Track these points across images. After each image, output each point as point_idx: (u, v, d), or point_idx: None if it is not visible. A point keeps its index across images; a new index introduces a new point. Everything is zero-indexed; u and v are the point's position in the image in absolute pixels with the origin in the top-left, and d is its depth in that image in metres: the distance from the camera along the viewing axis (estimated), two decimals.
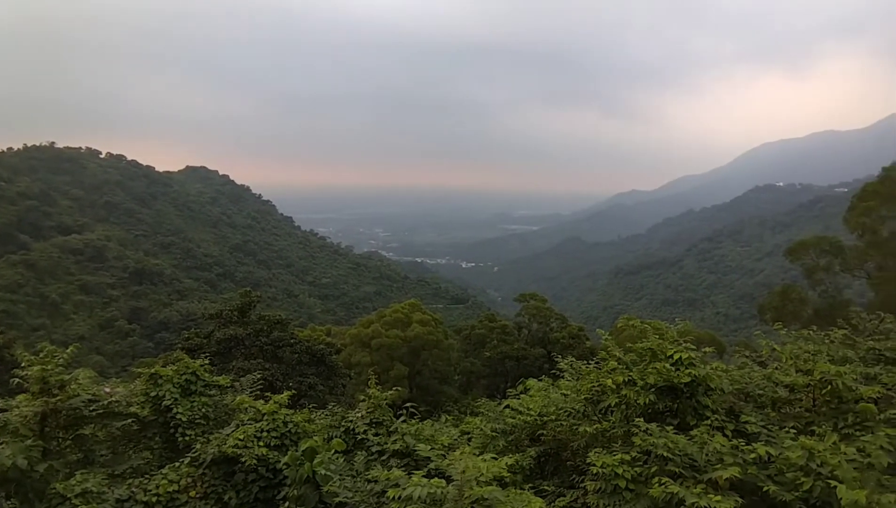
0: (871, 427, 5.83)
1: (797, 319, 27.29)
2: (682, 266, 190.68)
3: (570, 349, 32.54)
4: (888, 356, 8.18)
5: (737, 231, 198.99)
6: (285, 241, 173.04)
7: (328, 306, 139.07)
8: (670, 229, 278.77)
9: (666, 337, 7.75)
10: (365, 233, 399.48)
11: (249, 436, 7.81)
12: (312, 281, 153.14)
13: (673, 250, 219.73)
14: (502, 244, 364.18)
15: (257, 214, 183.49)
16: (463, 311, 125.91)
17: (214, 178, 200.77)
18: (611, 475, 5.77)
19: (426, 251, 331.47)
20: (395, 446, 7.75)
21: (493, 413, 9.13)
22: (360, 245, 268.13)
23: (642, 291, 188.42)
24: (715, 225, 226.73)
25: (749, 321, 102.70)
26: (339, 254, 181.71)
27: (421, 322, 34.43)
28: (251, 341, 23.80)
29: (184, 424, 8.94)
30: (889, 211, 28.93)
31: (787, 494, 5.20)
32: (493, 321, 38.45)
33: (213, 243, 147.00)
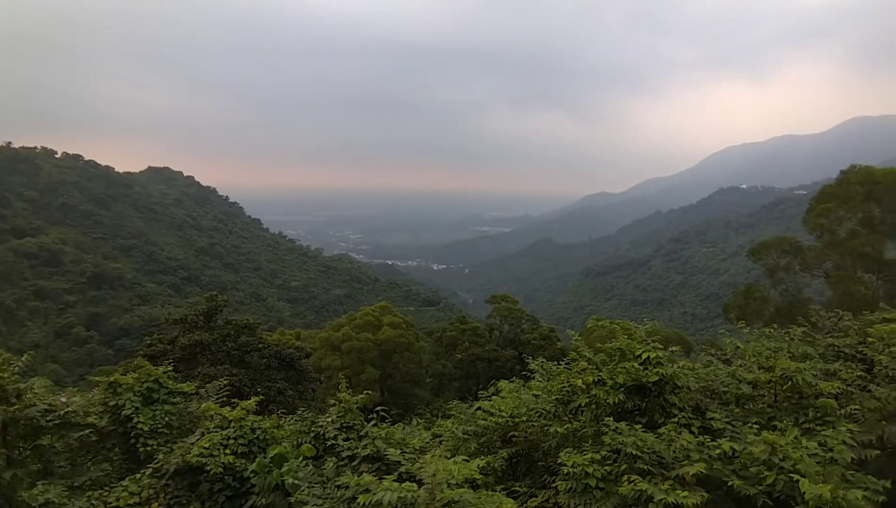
0: (831, 422, 6.03)
1: (760, 317, 28.09)
2: (650, 267, 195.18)
3: (541, 349, 32.84)
4: (847, 353, 8.48)
5: (703, 232, 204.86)
6: (253, 244, 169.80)
7: (298, 309, 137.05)
8: (639, 231, 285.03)
9: (634, 337, 7.87)
10: (335, 235, 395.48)
11: (215, 444, 7.59)
12: (281, 284, 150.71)
13: (642, 251, 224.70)
14: (473, 246, 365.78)
15: (224, 216, 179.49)
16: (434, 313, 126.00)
17: (179, 179, 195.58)
18: (581, 474, 5.81)
19: (397, 254, 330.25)
20: (366, 451, 7.63)
21: (464, 416, 9.11)
22: (330, 248, 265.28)
23: (612, 291, 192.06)
24: (682, 226, 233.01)
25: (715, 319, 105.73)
26: (309, 257, 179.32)
27: (392, 325, 34.21)
28: (217, 346, 23.18)
29: (145, 434, 8.66)
30: (846, 212, 29.97)
31: (750, 488, 5.32)
32: (465, 323, 38.50)
33: (178, 246, 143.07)
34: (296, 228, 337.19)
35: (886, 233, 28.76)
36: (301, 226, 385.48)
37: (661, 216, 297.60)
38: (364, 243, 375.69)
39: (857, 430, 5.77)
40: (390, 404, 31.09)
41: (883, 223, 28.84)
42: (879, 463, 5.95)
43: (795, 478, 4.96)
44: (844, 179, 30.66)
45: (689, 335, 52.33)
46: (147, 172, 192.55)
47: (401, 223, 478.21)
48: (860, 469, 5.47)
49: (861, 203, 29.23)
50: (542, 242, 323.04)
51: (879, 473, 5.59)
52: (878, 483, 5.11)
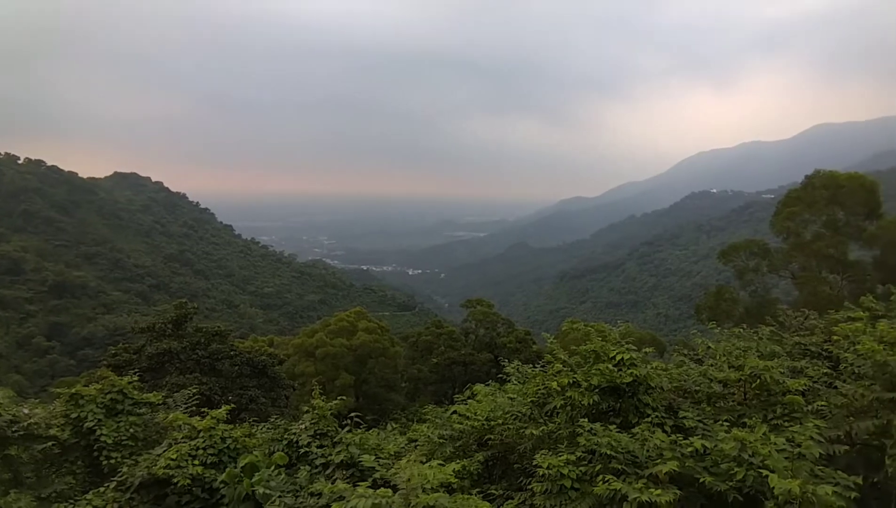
0: (799, 419, 6.17)
1: (730, 317, 28.73)
2: (624, 270, 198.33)
3: (516, 353, 32.99)
4: (813, 351, 8.74)
5: (675, 236, 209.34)
6: (225, 250, 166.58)
7: (271, 315, 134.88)
8: (613, 234, 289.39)
9: (609, 339, 7.94)
10: (309, 241, 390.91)
11: (183, 455, 7.38)
12: (254, 291, 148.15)
13: (616, 254, 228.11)
14: (449, 251, 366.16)
15: (194, 222, 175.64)
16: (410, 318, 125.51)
17: (147, 185, 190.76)
18: (556, 475, 5.82)
19: (372, 259, 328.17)
20: (340, 457, 7.51)
21: (440, 420, 9.05)
22: (304, 253, 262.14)
23: (587, 294, 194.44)
24: (655, 230, 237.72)
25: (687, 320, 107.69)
26: (282, 262, 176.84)
27: (367, 330, 33.94)
28: (187, 354, 22.61)
29: (108, 446, 8.43)
30: (811, 215, 30.90)
31: (721, 484, 5.40)
32: (440, 328, 38.45)
33: (146, 253, 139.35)
34: (269, 233, 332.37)
35: (850, 235, 29.74)
36: (274, 232, 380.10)
37: (635, 220, 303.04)
38: (338, 248, 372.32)
39: (824, 426, 5.91)
40: (365, 409, 30.81)
41: (846, 226, 29.82)
42: (849, 459, 6.11)
43: (765, 474, 5.05)
44: (809, 183, 31.59)
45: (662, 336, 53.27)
46: (113, 178, 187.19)
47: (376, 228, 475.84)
48: (829, 465, 5.60)
49: (825, 207, 30.15)
50: (518, 246, 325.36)
51: (849, 469, 5.73)
52: (848, 479, 5.21)
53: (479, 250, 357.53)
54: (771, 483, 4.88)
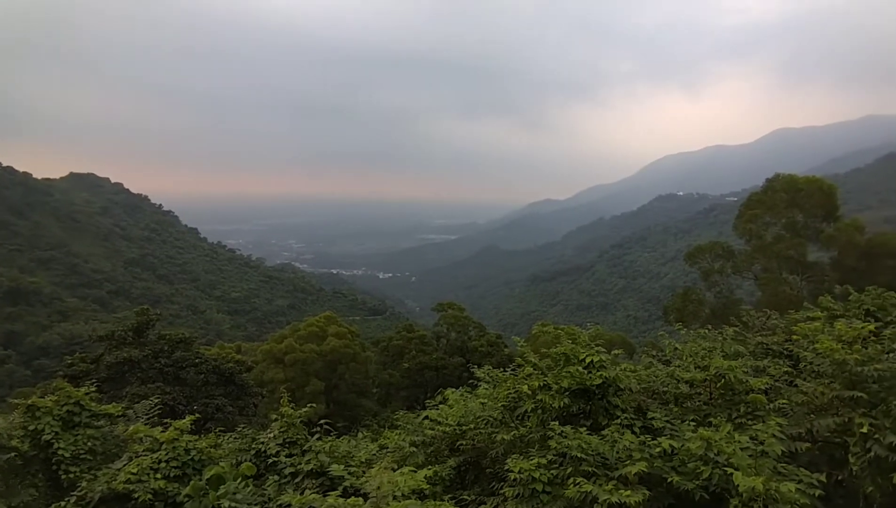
0: (761, 417, 6.34)
1: (697, 318, 29.40)
2: (594, 272, 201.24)
3: (488, 356, 33.08)
4: (775, 350, 9.03)
5: (643, 238, 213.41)
6: (190, 254, 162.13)
7: (238, 321, 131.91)
8: (583, 237, 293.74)
9: (578, 341, 8.02)
10: (278, 244, 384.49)
11: (144, 469, 7.13)
12: (221, 296, 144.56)
13: (586, 256, 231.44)
14: (420, 254, 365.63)
15: (157, 225, 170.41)
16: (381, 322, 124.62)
17: (105, 186, 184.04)
18: (528, 479, 5.84)
19: (342, 263, 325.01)
20: (309, 466, 7.36)
21: (411, 426, 8.98)
22: (272, 257, 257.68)
23: (558, 297, 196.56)
24: (624, 232, 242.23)
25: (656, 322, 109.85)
26: (250, 267, 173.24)
27: (337, 335, 33.51)
28: (149, 363, 21.89)
29: (67, 460, 8.15)
30: (772, 218, 31.86)
31: (688, 483, 5.50)
32: (412, 332, 38.26)
33: (104, 258, 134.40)
34: (236, 237, 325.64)
35: (808, 237, 30.79)
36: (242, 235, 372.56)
37: (604, 223, 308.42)
38: (308, 252, 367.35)
39: (785, 424, 6.09)
40: (336, 416, 30.38)
41: (805, 228, 30.88)
42: (811, 456, 6.30)
43: (729, 472, 5.16)
44: (770, 186, 32.54)
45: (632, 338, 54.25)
46: (69, 179, 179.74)
47: (346, 232, 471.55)
48: (792, 462, 5.76)
49: (785, 209, 31.16)
50: (489, 249, 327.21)
51: (812, 466, 5.91)
52: (811, 476, 5.35)
53: (450, 253, 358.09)
54: (735, 480, 5.00)
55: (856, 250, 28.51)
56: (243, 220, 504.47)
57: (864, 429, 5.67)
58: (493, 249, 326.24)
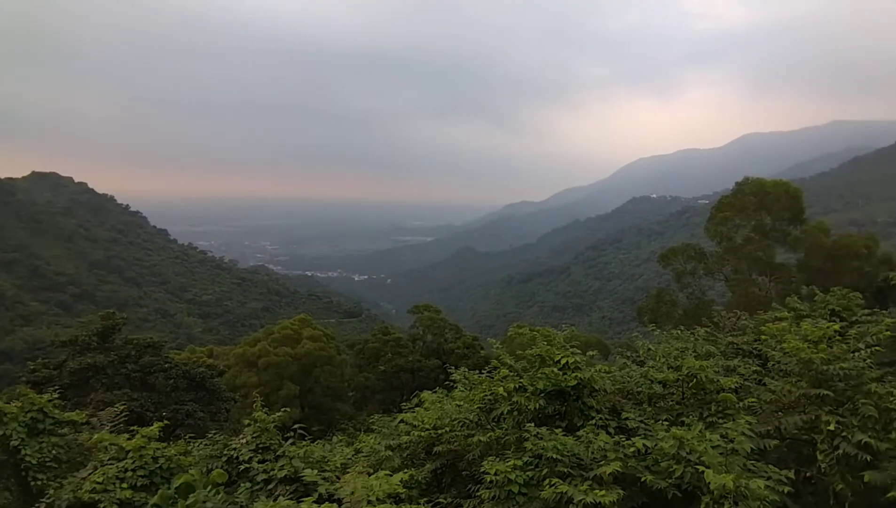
0: (731, 415, 6.48)
1: (670, 319, 29.88)
2: (570, 274, 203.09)
3: (465, 358, 33.09)
4: (744, 350, 9.25)
5: (618, 240, 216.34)
6: (159, 256, 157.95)
7: (210, 324, 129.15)
8: (558, 239, 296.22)
9: (554, 343, 8.07)
10: (251, 246, 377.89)
11: (110, 478, 6.96)
12: (191, 299, 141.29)
13: (561, 258, 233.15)
14: (396, 256, 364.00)
15: (124, 226, 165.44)
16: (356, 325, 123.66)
17: (69, 186, 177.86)
18: (504, 481, 5.85)
19: (317, 264, 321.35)
20: (283, 472, 7.22)
21: (387, 429, 8.91)
22: (245, 259, 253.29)
23: (534, 298, 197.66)
24: (599, 234, 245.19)
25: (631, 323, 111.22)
26: (222, 269, 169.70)
27: (312, 338, 33.09)
28: (115, 369, 21.21)
29: (34, 467, 8.07)
30: (741, 220, 32.56)
31: (661, 482, 5.58)
32: (387, 334, 38.05)
33: (68, 260, 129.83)
34: (208, 238, 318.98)
35: (776, 239, 31.62)
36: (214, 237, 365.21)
37: (580, 224, 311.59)
38: (282, 253, 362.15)
39: (754, 422, 6.23)
40: (311, 420, 29.98)
41: (773, 230, 31.69)
42: (780, 453, 6.46)
43: (701, 470, 5.25)
44: (739, 190, 33.27)
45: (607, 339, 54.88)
46: (31, 178, 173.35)
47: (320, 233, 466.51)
48: (761, 459, 5.89)
49: (754, 212, 31.92)
50: (465, 250, 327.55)
51: (780, 462, 6.06)
52: (780, 473, 5.48)
53: (425, 254, 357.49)
54: (707, 478, 5.09)
55: (821, 252, 29.38)
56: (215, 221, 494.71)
57: (830, 427, 5.83)
58: (469, 250, 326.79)
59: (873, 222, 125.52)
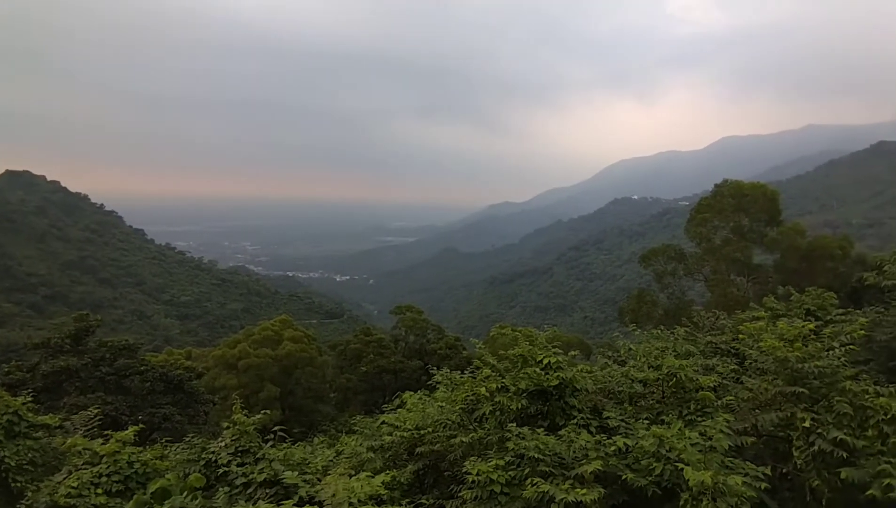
0: (710, 413, 6.58)
1: (650, 319, 30.23)
2: (552, 274, 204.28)
3: (447, 359, 33.10)
4: (723, 349, 9.41)
5: (600, 240, 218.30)
6: (135, 256, 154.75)
7: (188, 326, 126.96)
8: (541, 239, 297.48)
9: (536, 343, 8.10)
10: (231, 247, 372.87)
11: (84, 483, 6.83)
12: (169, 300, 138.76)
13: (543, 259, 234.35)
14: (378, 256, 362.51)
15: (98, 226, 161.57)
16: (338, 326, 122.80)
17: (41, 184, 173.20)
18: (486, 481, 5.85)
19: (298, 265, 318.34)
20: (263, 475, 7.11)
21: (369, 430, 8.85)
22: (225, 260, 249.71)
23: (516, 299, 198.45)
24: (581, 235, 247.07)
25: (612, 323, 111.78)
26: (201, 269, 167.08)
27: (293, 339, 32.79)
28: (88, 372, 20.73)
29: (13, 469, 8.15)
30: (720, 222, 33.12)
31: (641, 480, 5.64)
32: (369, 335, 37.87)
33: (40, 260, 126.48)
34: (186, 239, 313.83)
35: (754, 240, 32.23)
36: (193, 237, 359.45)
37: (562, 225, 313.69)
38: (263, 254, 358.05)
39: (732, 419, 6.33)
40: (292, 422, 29.69)
41: (751, 232, 32.29)
42: (756, 450, 6.57)
43: (680, 467, 5.32)
44: (718, 192, 33.84)
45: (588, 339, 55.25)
46: (3, 177, 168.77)
47: (302, 234, 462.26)
48: (738, 456, 5.99)
49: (732, 214, 32.48)
50: (447, 251, 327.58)
51: (757, 459, 6.16)
52: (756, 469, 5.58)
53: (408, 255, 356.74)
54: (686, 475, 5.16)
55: (797, 253, 30.04)
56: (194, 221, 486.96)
57: (806, 424, 5.95)
58: (452, 251, 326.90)
59: (847, 224, 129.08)
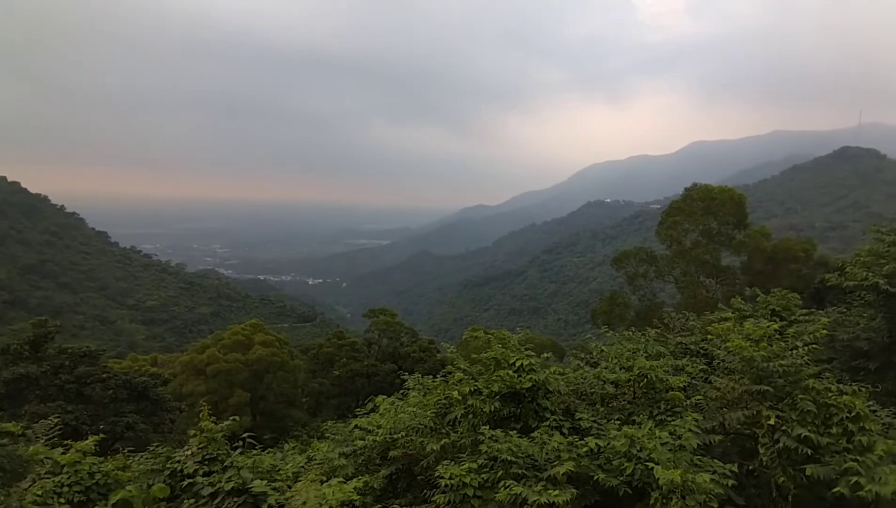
0: (680, 413, 6.68)
1: (623, 321, 30.62)
2: (526, 277, 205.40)
3: (420, 362, 32.99)
4: (692, 349, 9.59)
5: (573, 243, 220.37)
6: (97, 260, 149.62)
7: (155, 331, 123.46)
8: (514, 242, 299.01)
9: (509, 346, 8.11)
10: (200, 249, 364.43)
11: (48, 492, 6.74)
12: (134, 305, 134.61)
13: (517, 261, 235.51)
14: (351, 259, 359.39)
15: (58, 228, 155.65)
16: (310, 329, 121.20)
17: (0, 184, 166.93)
18: (459, 484, 5.80)
19: (269, 268, 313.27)
20: (230, 484, 6.91)
21: (341, 436, 8.72)
22: (194, 263, 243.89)
23: (490, 301, 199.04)
24: (554, 238, 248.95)
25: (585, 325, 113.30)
26: (169, 273, 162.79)
27: (264, 344, 32.18)
28: (48, 379, 19.95)
29: None
30: (690, 225, 33.71)
31: (613, 480, 5.69)
32: (342, 339, 37.49)
33: None
34: (153, 241, 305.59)
35: (722, 243, 32.98)
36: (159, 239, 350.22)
37: (535, 228, 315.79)
38: (233, 257, 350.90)
39: (700, 418, 6.44)
40: (263, 428, 29.13)
41: (719, 234, 33.03)
42: (724, 448, 6.70)
43: (650, 466, 5.39)
44: (688, 195, 34.51)
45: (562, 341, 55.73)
46: None
47: (273, 236, 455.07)
48: (707, 454, 6.09)
49: (702, 217, 33.17)
50: (421, 254, 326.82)
51: (724, 456, 6.28)
52: (724, 467, 5.69)
53: (381, 258, 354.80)
54: (656, 474, 5.22)
55: (763, 255, 30.93)
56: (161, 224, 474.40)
57: (771, 421, 6.09)
58: (426, 254, 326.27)
59: (811, 227, 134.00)
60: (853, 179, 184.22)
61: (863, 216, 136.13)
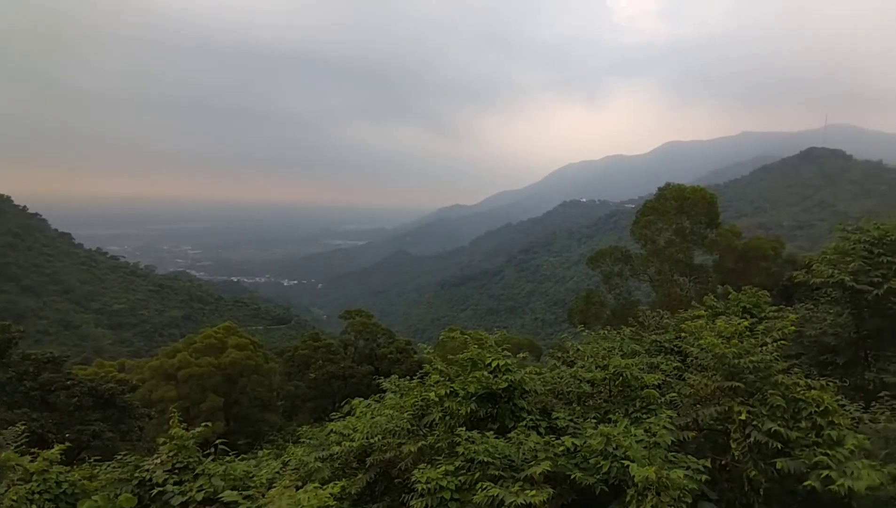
0: (654, 410, 6.76)
1: (599, 320, 30.92)
2: (503, 276, 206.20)
3: (397, 363, 32.81)
4: (666, 347, 9.73)
5: (549, 242, 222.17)
6: (61, 262, 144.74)
7: (123, 336, 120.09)
8: (491, 242, 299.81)
9: (486, 346, 8.09)
10: (171, 251, 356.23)
11: (22, 497, 6.57)
12: (100, 308, 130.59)
13: (494, 261, 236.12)
14: (327, 260, 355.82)
15: (20, 230, 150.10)
16: (286, 332, 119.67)
17: None
18: (436, 488, 5.75)
19: (243, 270, 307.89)
20: (201, 493, 6.72)
21: (316, 440, 8.58)
22: (164, 265, 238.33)
23: (467, 301, 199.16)
24: (531, 237, 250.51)
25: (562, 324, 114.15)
26: (137, 275, 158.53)
27: (237, 347, 31.58)
28: (12, 387, 19.24)
29: None
30: (664, 224, 34.24)
31: (589, 478, 5.72)
32: (318, 341, 37.06)
33: None
34: (121, 243, 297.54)
35: (694, 242, 33.61)
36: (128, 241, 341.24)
37: (512, 228, 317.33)
38: (205, 258, 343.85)
39: (674, 415, 6.52)
40: (237, 433, 28.60)
41: (692, 233, 33.65)
42: (697, 443, 6.80)
43: (626, 464, 5.43)
44: (662, 195, 35.04)
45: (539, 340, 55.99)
46: None
47: (248, 237, 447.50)
48: (681, 450, 6.17)
49: (675, 216, 33.74)
50: (398, 254, 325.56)
51: (698, 452, 6.37)
52: (697, 462, 5.77)
53: (358, 258, 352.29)
54: (631, 471, 5.27)
55: (734, 254, 31.64)
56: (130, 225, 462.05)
57: (742, 416, 6.21)
58: (403, 254, 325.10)
59: (779, 226, 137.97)
60: (819, 179, 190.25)
61: (829, 215, 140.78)
